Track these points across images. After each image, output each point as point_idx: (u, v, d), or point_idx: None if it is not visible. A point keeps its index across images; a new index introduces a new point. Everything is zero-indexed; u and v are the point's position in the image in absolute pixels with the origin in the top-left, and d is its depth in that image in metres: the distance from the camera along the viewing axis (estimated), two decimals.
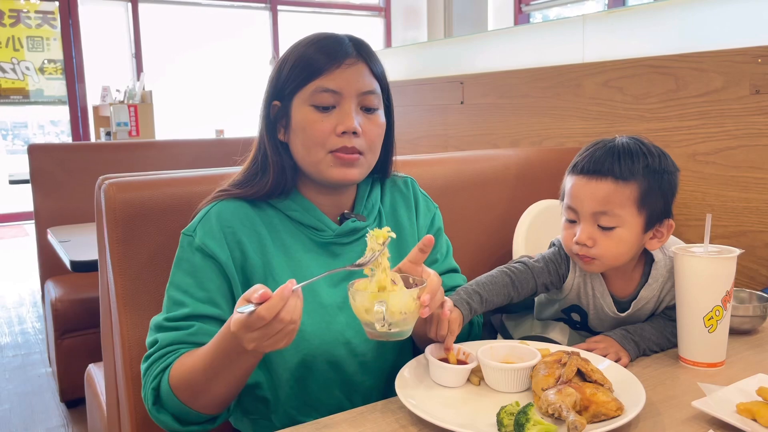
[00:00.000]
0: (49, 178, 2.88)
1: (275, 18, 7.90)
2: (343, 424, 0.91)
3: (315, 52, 1.05)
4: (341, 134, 1.04)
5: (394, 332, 0.91)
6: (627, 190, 1.10)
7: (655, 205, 1.12)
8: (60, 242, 2.19)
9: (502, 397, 0.95)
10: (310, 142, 1.05)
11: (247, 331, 0.84)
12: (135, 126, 5.42)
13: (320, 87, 1.04)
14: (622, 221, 1.11)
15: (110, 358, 1.32)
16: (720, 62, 1.64)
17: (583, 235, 1.13)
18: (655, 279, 1.18)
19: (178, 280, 1.05)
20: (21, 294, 4.44)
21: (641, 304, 1.19)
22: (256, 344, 0.85)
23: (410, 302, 0.91)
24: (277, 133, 1.10)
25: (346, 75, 1.04)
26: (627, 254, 1.14)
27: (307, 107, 1.05)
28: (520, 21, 7.11)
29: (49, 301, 2.59)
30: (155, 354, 1.01)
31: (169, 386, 0.97)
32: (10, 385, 2.92)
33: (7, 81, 6.56)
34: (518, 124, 2.25)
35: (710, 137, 1.67)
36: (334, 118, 1.05)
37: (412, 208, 1.24)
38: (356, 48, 1.07)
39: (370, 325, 0.91)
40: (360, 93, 1.06)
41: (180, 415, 0.99)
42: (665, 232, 1.16)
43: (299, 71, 1.05)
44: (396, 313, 0.89)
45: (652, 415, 0.91)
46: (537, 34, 2.35)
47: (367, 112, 1.08)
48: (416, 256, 0.99)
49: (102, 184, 1.22)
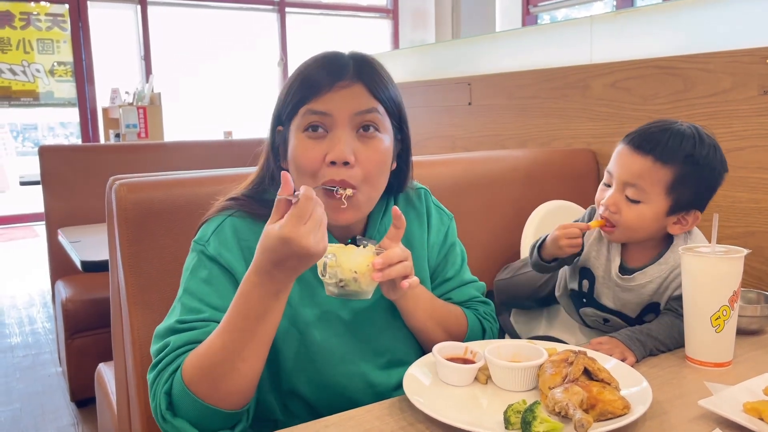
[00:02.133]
0: (60, 179, 2.91)
1: (283, 20, 7.93)
2: (351, 421, 0.91)
3: (312, 71, 1.01)
4: (331, 164, 0.97)
5: (348, 291, 0.95)
6: (662, 172, 1.15)
7: (685, 194, 1.16)
8: (71, 242, 2.21)
9: (509, 395, 0.95)
10: (300, 172, 1.00)
11: (301, 222, 0.82)
12: (144, 128, 5.44)
13: (309, 110, 0.98)
14: (647, 198, 1.16)
15: (121, 358, 1.33)
16: (728, 63, 1.64)
17: (610, 199, 1.19)
18: (666, 261, 1.21)
19: (193, 286, 1.00)
20: (31, 294, 4.48)
21: (645, 279, 1.21)
22: (313, 236, 0.82)
23: (362, 262, 0.94)
24: (281, 160, 1.07)
25: (337, 97, 0.98)
26: (645, 230, 1.19)
27: (299, 134, 1.00)
28: (528, 22, 7.11)
29: (60, 301, 2.61)
30: (165, 358, 0.95)
31: (184, 383, 0.90)
32: (20, 384, 2.94)
33: (17, 83, 6.61)
34: (526, 125, 2.26)
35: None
36: (325, 145, 0.98)
37: (424, 224, 1.19)
38: (356, 67, 1.01)
39: (324, 281, 0.95)
40: (355, 113, 0.99)
41: (197, 419, 0.92)
42: (690, 221, 1.20)
43: (294, 94, 1.01)
44: (346, 270, 0.93)
45: (658, 414, 0.91)
46: (545, 35, 2.36)
47: (365, 131, 1.00)
48: (393, 233, 1.04)
49: (113, 185, 1.23)
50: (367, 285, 0.96)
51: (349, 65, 1.01)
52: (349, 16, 8.50)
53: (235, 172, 1.32)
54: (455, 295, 1.22)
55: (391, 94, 1.05)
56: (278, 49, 7.97)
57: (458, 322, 1.17)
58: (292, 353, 1.05)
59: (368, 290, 0.97)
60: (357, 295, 0.96)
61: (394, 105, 1.05)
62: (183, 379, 0.91)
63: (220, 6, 7.64)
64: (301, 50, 7.96)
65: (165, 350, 0.96)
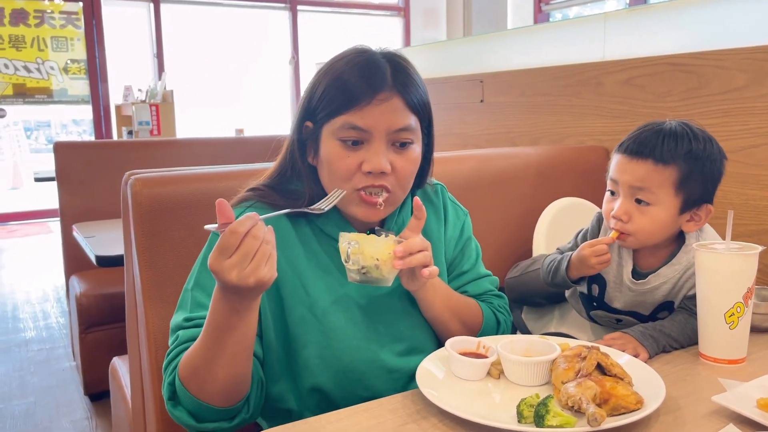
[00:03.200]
0: (75, 175, 2.93)
1: (295, 18, 7.94)
2: (364, 414, 0.92)
3: (349, 78, 1.00)
4: (367, 174, 1.01)
5: (369, 277, 0.99)
6: (666, 172, 1.14)
7: (694, 189, 1.15)
8: (85, 238, 2.23)
9: (522, 390, 0.95)
10: (335, 177, 1.03)
11: (225, 257, 0.81)
12: (156, 125, 5.48)
13: (348, 123, 1.00)
14: (657, 200, 1.15)
15: (135, 351, 1.35)
16: (742, 60, 1.63)
17: (620, 209, 1.18)
18: (680, 261, 1.20)
19: (204, 281, 1.02)
20: (45, 290, 4.52)
21: (659, 281, 1.20)
22: (237, 271, 0.81)
23: (383, 250, 0.98)
24: (307, 155, 1.08)
25: (376, 113, 0.99)
26: (661, 233, 1.18)
27: (334, 141, 1.02)
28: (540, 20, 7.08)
29: (74, 295, 2.63)
30: (174, 350, 1.00)
31: (180, 379, 0.96)
32: (35, 378, 2.98)
33: (32, 80, 6.67)
34: (538, 122, 2.25)
35: (732, 135, 1.66)
36: (361, 154, 1.01)
37: (441, 218, 1.22)
38: (393, 77, 1.02)
39: (347, 267, 0.99)
40: (391, 131, 1.01)
41: (195, 411, 0.97)
42: (703, 216, 1.19)
43: (331, 99, 1.01)
44: (369, 257, 0.97)
45: (672, 410, 0.91)
46: (557, 32, 2.35)
47: (401, 147, 1.03)
48: (413, 224, 1.06)
49: (128, 180, 1.24)
50: (388, 272, 0.99)
51: (386, 73, 1.02)
52: (361, 14, 8.50)
53: (249, 168, 1.33)
54: (471, 288, 1.23)
55: (424, 100, 1.07)
56: (289, 47, 7.99)
57: (474, 314, 1.18)
58: (310, 340, 1.06)
59: (389, 278, 1.00)
60: (378, 282, 0.99)
61: (425, 111, 1.07)
62: (179, 376, 0.96)
63: (232, 4, 7.67)
64: (312, 48, 7.98)
65: (174, 343, 1.00)
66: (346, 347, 1.07)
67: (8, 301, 4.25)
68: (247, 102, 7.77)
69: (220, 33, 7.61)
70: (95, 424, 2.52)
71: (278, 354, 1.08)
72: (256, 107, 7.76)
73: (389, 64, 1.03)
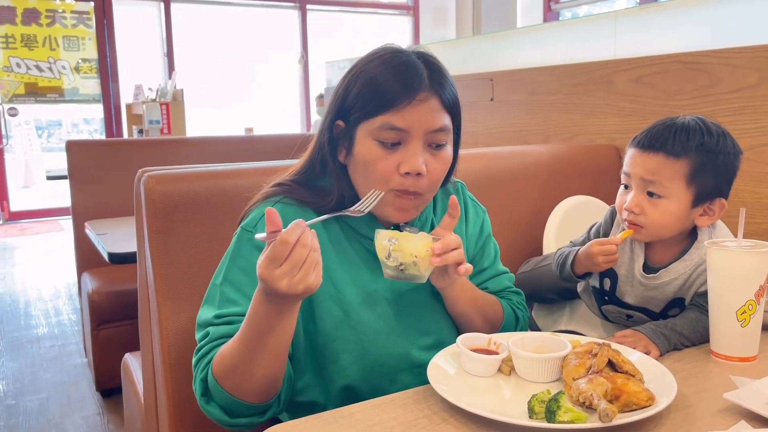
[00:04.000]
0: (86, 173, 2.95)
1: (304, 17, 7.96)
2: (376, 409, 0.93)
3: (386, 80, 1.00)
4: (404, 174, 1.01)
5: (407, 274, 1.00)
6: (677, 165, 1.14)
7: (706, 183, 1.15)
8: (98, 235, 2.25)
9: (533, 386, 0.96)
10: (371, 177, 1.03)
11: (275, 265, 0.83)
12: (167, 124, 5.51)
13: (387, 124, 1.00)
14: (669, 193, 1.15)
15: (148, 347, 1.36)
16: (754, 58, 1.63)
17: (632, 202, 1.18)
18: (691, 257, 1.19)
19: (233, 276, 1.03)
20: (57, 287, 4.56)
21: (670, 276, 1.20)
22: (287, 280, 0.83)
23: (422, 248, 0.99)
24: (338, 153, 1.08)
25: (415, 113, 1.00)
26: (673, 227, 1.18)
27: (371, 141, 1.02)
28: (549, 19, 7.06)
29: (86, 292, 2.66)
30: (205, 347, 1.00)
31: (214, 376, 0.96)
32: (47, 374, 3.00)
33: (43, 80, 6.73)
34: (548, 120, 2.25)
35: (744, 134, 1.65)
36: (398, 156, 1.01)
37: (462, 216, 1.23)
38: (430, 77, 1.02)
39: (384, 263, 1.01)
40: (428, 132, 1.02)
41: (228, 407, 0.98)
42: (716, 210, 1.18)
43: (368, 100, 1.01)
44: (407, 254, 0.98)
45: (683, 407, 0.91)
46: (568, 30, 2.35)
47: (435, 148, 1.04)
48: (447, 222, 1.07)
49: (141, 177, 1.25)
50: (425, 269, 1.00)
51: (423, 73, 1.02)
52: (370, 14, 8.51)
53: (261, 165, 1.34)
54: (491, 284, 1.25)
55: (456, 98, 1.07)
56: (299, 46, 8.01)
57: (496, 310, 1.20)
58: (339, 335, 1.07)
59: (425, 274, 1.01)
60: (414, 279, 1.01)
61: (458, 110, 1.08)
62: (213, 373, 0.97)
63: (242, 3, 7.70)
64: (321, 47, 7.99)
65: (206, 339, 1.01)
66: (374, 341, 1.07)
67: (21, 299, 4.29)
68: (256, 101, 7.80)
69: (229, 32, 7.64)
70: (107, 419, 2.54)
71: (305, 349, 1.09)
72: (265, 106, 7.79)
73: (424, 64, 1.04)
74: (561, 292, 1.45)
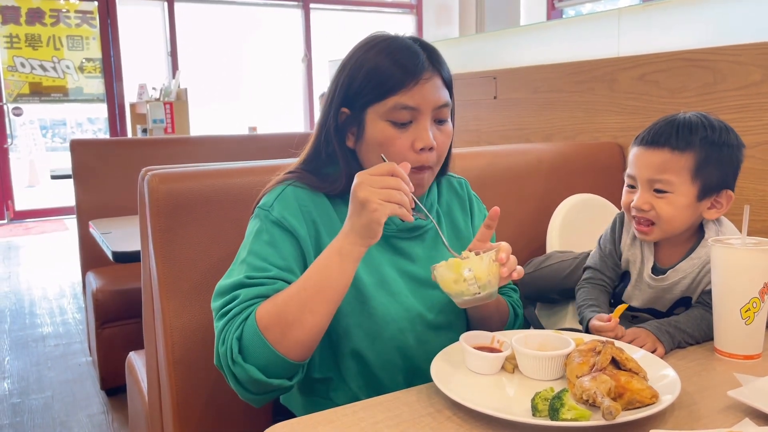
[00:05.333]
0: (91, 172, 2.96)
1: (307, 16, 7.96)
2: (379, 407, 0.93)
3: (391, 65, 1.05)
4: (419, 151, 1.07)
5: (483, 296, 1.00)
6: (682, 159, 1.15)
7: (711, 176, 1.16)
8: (102, 234, 2.25)
9: (536, 384, 0.96)
10: (387, 157, 1.07)
11: (370, 174, 0.93)
12: (170, 123, 5.52)
13: (400, 104, 1.05)
14: (675, 188, 1.16)
15: (152, 345, 1.36)
16: (759, 55, 1.62)
17: (640, 200, 1.18)
18: (698, 255, 1.19)
19: (257, 248, 1.05)
20: (62, 286, 4.57)
21: (678, 276, 1.20)
22: (369, 190, 0.92)
23: (491, 265, 1.00)
24: (346, 140, 1.12)
25: (423, 91, 1.06)
26: (682, 220, 1.17)
27: (383, 122, 1.07)
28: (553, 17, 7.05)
29: (91, 291, 2.66)
30: (236, 308, 1.00)
31: (258, 328, 0.96)
32: (51, 373, 3.01)
33: (48, 79, 6.74)
34: (551, 118, 2.25)
35: (748, 131, 1.65)
36: (410, 133, 1.07)
37: (467, 209, 1.28)
38: (430, 59, 1.08)
39: (459, 294, 1.00)
40: (435, 108, 1.08)
41: (265, 365, 0.97)
42: (724, 202, 1.19)
43: (376, 85, 1.06)
44: (482, 276, 0.99)
45: (687, 405, 0.91)
46: (571, 28, 2.34)
47: (439, 123, 1.10)
48: (483, 234, 1.10)
49: (145, 176, 1.25)
50: (495, 286, 1.02)
51: (423, 55, 1.08)
52: (374, 12, 8.51)
53: (265, 164, 1.34)
54: None
55: (451, 77, 1.14)
56: (302, 45, 8.01)
57: (505, 308, 1.23)
58: (350, 310, 1.10)
59: (495, 291, 1.03)
60: (488, 298, 1.02)
61: (452, 88, 1.14)
62: (257, 324, 0.97)
63: (246, 2, 7.70)
64: (325, 46, 7.99)
65: (235, 301, 1.01)
66: (384, 316, 1.10)
67: (25, 298, 4.30)
68: (260, 100, 7.80)
69: (233, 31, 7.64)
70: (111, 418, 2.55)
71: None
72: (269, 105, 7.80)
73: (420, 47, 1.09)
74: (564, 291, 1.45)
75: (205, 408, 1.27)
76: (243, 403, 1.31)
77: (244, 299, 1.01)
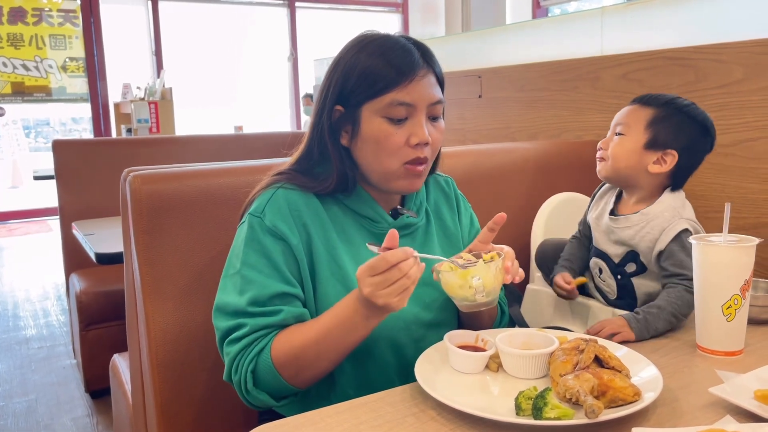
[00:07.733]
0: (74, 173, 2.93)
1: (293, 15, 7.94)
2: (363, 407, 0.93)
3: (387, 63, 1.06)
4: (414, 146, 1.07)
5: (485, 301, 1.02)
6: (643, 112, 1.33)
7: (663, 132, 1.30)
8: (85, 235, 2.23)
9: (520, 383, 0.96)
10: (384, 153, 1.08)
11: (370, 273, 0.92)
12: (155, 122, 5.48)
13: (396, 101, 1.05)
14: (629, 132, 1.33)
15: (135, 348, 1.35)
16: (740, 54, 1.63)
17: (603, 141, 1.39)
18: (647, 212, 1.31)
19: (251, 260, 1.06)
20: (45, 288, 4.53)
21: (627, 223, 1.33)
22: (373, 289, 0.92)
23: (498, 272, 1.01)
24: (340, 138, 1.12)
25: (419, 88, 1.07)
26: (627, 162, 1.32)
27: (379, 118, 1.07)
28: (538, 16, 7.07)
29: (74, 293, 2.64)
30: (246, 338, 1.03)
31: (272, 364, 1.00)
32: (36, 376, 2.98)
33: (30, 79, 6.67)
34: (536, 117, 2.26)
35: (730, 129, 1.67)
36: (406, 129, 1.07)
37: (454, 207, 1.29)
38: (424, 57, 1.09)
39: (462, 299, 1.02)
40: (430, 104, 1.09)
41: (277, 392, 1.04)
42: (668, 161, 1.30)
43: (370, 83, 1.06)
44: (489, 283, 1.00)
45: (669, 402, 0.92)
46: (555, 27, 2.35)
47: (433, 120, 1.11)
48: (486, 236, 1.11)
49: (127, 177, 1.24)
50: (498, 292, 1.04)
51: (416, 52, 1.09)
52: (359, 11, 8.50)
53: (248, 164, 1.34)
54: None
55: (443, 75, 1.15)
56: (288, 44, 7.98)
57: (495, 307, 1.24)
58: None
59: (497, 297, 1.04)
60: (490, 304, 1.03)
61: (444, 87, 1.15)
62: (273, 363, 1.01)
63: (231, 1, 7.66)
64: (311, 45, 7.97)
65: (243, 329, 1.03)
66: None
67: (9, 300, 4.26)
68: (246, 99, 7.77)
69: (218, 30, 7.60)
70: (96, 421, 2.53)
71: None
72: (255, 104, 7.77)
73: (413, 45, 1.10)
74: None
75: (189, 410, 1.27)
76: (228, 404, 1.30)
77: (253, 330, 1.03)
